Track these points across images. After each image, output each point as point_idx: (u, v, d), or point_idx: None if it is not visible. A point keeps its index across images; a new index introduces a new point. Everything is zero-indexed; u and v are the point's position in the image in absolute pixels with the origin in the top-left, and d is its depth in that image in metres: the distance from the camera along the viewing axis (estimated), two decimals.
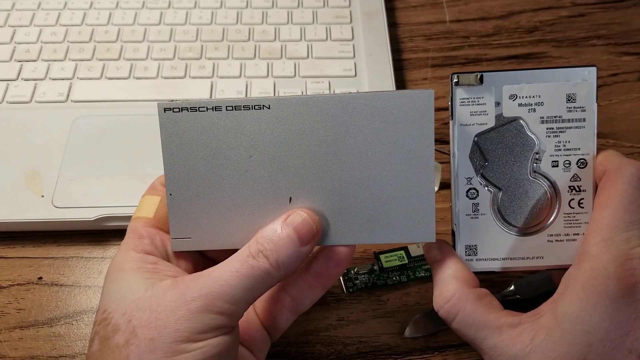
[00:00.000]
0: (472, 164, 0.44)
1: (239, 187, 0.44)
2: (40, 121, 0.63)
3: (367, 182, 0.44)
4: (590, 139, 0.43)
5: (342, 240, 0.44)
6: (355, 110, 0.43)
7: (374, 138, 0.43)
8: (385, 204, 0.44)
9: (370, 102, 0.43)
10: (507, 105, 0.43)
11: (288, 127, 0.44)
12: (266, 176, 0.44)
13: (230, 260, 0.40)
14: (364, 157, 0.43)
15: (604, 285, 0.37)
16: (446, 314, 0.42)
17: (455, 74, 0.43)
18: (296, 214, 0.42)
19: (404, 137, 0.43)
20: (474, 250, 0.44)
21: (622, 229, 0.38)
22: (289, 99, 0.44)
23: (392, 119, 0.43)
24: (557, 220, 0.43)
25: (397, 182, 0.43)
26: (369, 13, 0.75)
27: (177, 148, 0.44)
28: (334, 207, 0.44)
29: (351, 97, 0.43)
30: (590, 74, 0.42)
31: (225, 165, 0.44)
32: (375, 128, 0.43)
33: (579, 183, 0.43)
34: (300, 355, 0.51)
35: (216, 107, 0.44)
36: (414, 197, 0.43)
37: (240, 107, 0.44)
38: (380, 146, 0.43)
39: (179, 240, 0.45)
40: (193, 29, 0.72)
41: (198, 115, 0.44)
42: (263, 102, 0.43)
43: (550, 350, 0.37)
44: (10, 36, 0.71)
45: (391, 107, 0.43)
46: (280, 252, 0.41)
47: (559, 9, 0.79)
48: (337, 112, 0.44)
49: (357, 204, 0.44)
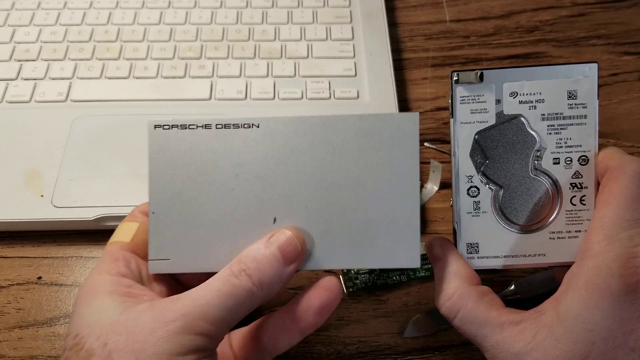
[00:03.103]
0: (473, 162, 0.43)
1: (224, 207, 0.44)
2: (40, 121, 0.63)
3: (353, 204, 0.44)
4: (591, 136, 0.42)
5: (326, 264, 0.43)
6: (343, 131, 0.44)
7: (360, 160, 0.44)
8: (370, 227, 0.43)
9: (357, 124, 0.44)
10: (507, 103, 0.43)
11: (276, 147, 0.44)
12: (252, 195, 0.44)
13: (211, 280, 0.39)
14: (350, 178, 0.44)
15: (607, 283, 0.37)
16: (448, 312, 0.42)
17: (455, 72, 0.43)
18: (280, 232, 0.42)
19: (389, 160, 0.44)
20: (476, 248, 0.44)
21: (625, 227, 0.37)
22: (278, 119, 0.44)
23: (378, 141, 0.44)
24: (558, 218, 0.43)
25: (382, 205, 0.44)
26: (369, 13, 0.74)
27: (164, 166, 0.44)
28: (319, 228, 0.44)
29: (339, 119, 0.44)
30: (592, 70, 0.42)
31: (212, 184, 0.44)
32: (362, 150, 0.44)
33: (580, 180, 0.43)
34: (300, 355, 0.51)
35: (206, 125, 0.44)
36: (398, 221, 0.43)
37: (229, 125, 0.44)
38: (366, 168, 0.44)
39: (157, 261, 0.43)
40: (193, 28, 0.72)
41: (187, 133, 0.44)
42: (252, 121, 0.44)
43: (553, 348, 0.37)
44: (10, 36, 0.71)
45: (378, 130, 0.44)
46: (264, 271, 0.40)
47: (559, 9, 0.79)
48: (325, 133, 0.44)
49: (342, 226, 0.44)
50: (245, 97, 0.65)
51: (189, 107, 0.64)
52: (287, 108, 0.64)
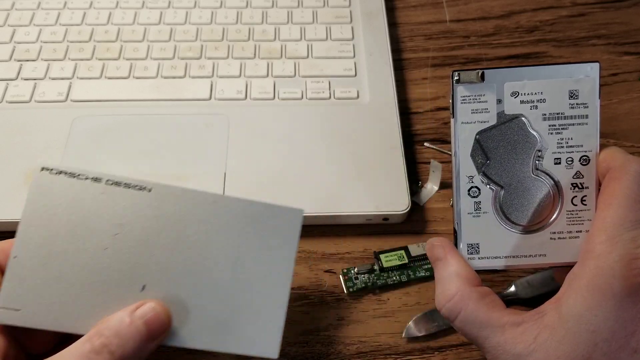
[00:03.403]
0: (474, 162, 0.43)
1: (94, 265, 0.42)
2: (40, 121, 0.63)
3: (226, 286, 0.44)
4: (593, 136, 0.42)
5: (189, 342, 0.43)
6: (230, 212, 0.45)
7: (241, 243, 0.44)
8: (237, 311, 0.44)
9: (245, 208, 0.45)
10: (508, 103, 0.43)
11: (162, 215, 0.44)
12: (125, 259, 0.43)
13: (68, 355, 0.37)
14: (229, 260, 0.44)
15: (609, 284, 0.36)
16: (448, 312, 0.42)
17: (456, 72, 0.43)
18: (148, 305, 0.40)
19: (269, 249, 0.45)
20: (476, 248, 0.44)
21: (628, 228, 0.37)
22: (172, 188, 0.44)
23: (262, 228, 0.45)
24: (559, 218, 0.43)
25: (254, 292, 0.44)
26: (369, 13, 0.74)
27: (42, 210, 0.42)
28: (188, 304, 0.43)
29: (229, 200, 0.45)
30: (593, 69, 0.42)
31: (86, 240, 0.43)
32: (245, 234, 0.45)
33: (581, 180, 0.43)
34: (300, 355, 0.51)
35: (96, 178, 0.43)
36: (265, 310, 0.44)
37: (120, 184, 0.43)
38: (245, 252, 0.44)
39: (5, 310, 0.40)
40: (193, 28, 0.72)
41: (74, 182, 0.43)
42: (145, 185, 0.44)
43: (554, 349, 0.37)
44: (10, 36, 0.71)
45: (263, 217, 0.45)
46: (127, 348, 0.38)
47: (559, 9, 0.79)
48: (212, 211, 0.44)
49: (210, 305, 0.43)
50: (245, 97, 0.65)
51: (189, 107, 0.64)
52: (287, 108, 0.64)
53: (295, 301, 0.54)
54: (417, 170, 0.63)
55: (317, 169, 0.59)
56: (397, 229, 0.58)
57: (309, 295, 0.54)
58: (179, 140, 0.61)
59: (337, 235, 0.58)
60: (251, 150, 0.60)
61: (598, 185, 0.42)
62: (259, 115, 0.64)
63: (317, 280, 0.55)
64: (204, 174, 0.58)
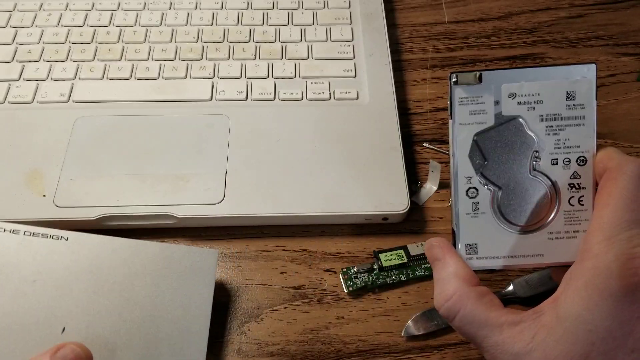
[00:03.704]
0: (472, 163, 0.43)
1: (14, 310, 0.44)
2: (42, 121, 0.63)
3: (147, 324, 0.46)
4: (590, 137, 0.43)
5: None
6: (147, 256, 0.48)
7: (159, 284, 0.47)
8: (160, 348, 0.45)
9: (161, 251, 0.49)
10: (506, 104, 0.43)
11: (79, 261, 0.47)
12: (45, 303, 0.45)
13: None
14: (147, 301, 0.47)
15: (607, 283, 0.36)
16: (447, 312, 0.42)
17: (454, 73, 0.43)
18: (68, 347, 0.40)
19: (187, 288, 0.47)
20: (475, 248, 0.44)
21: (624, 228, 0.37)
22: (88, 237, 0.48)
23: (178, 269, 0.49)
24: (557, 218, 0.43)
25: (174, 329, 0.46)
26: (368, 14, 0.75)
27: None
28: (110, 343, 0.45)
29: (144, 244, 0.49)
30: (590, 71, 0.42)
31: (5, 287, 0.45)
32: (162, 275, 0.47)
33: (578, 181, 0.43)
34: (300, 353, 0.51)
35: (14, 230, 0.46)
36: (187, 346, 0.46)
37: (38, 234, 0.46)
38: (164, 292, 0.47)
39: None
40: (194, 30, 0.72)
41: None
42: (62, 235, 0.46)
43: (552, 348, 0.37)
44: (12, 37, 0.71)
45: (179, 259, 0.48)
46: None
47: (557, 10, 0.79)
48: (129, 256, 0.47)
49: (133, 343, 0.45)
50: (246, 97, 0.66)
51: (190, 107, 0.65)
52: (287, 108, 0.65)
53: (295, 300, 0.54)
54: (417, 170, 0.63)
55: (317, 169, 0.59)
56: (396, 228, 0.59)
57: (308, 294, 0.55)
58: (180, 140, 0.61)
59: (337, 234, 0.58)
60: (252, 151, 0.61)
61: (595, 185, 0.42)
62: (260, 115, 0.64)
63: (317, 279, 0.56)
64: (205, 174, 0.59)
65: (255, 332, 0.52)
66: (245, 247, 0.58)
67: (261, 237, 0.58)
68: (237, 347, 0.51)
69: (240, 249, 0.57)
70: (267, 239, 0.58)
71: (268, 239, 0.58)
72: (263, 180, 0.59)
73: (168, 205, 0.56)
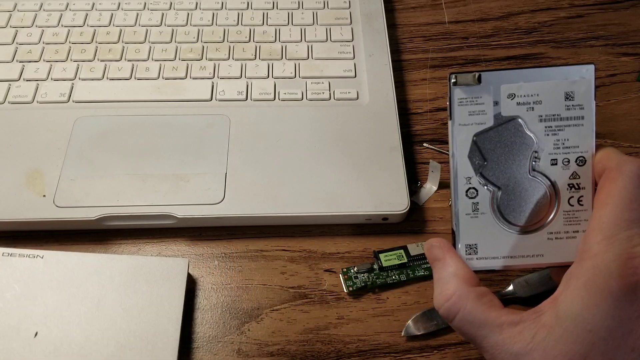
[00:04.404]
0: (472, 163, 0.43)
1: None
2: (42, 121, 0.63)
3: (118, 332, 0.49)
4: (589, 137, 0.43)
5: None
6: (117, 268, 0.52)
7: (130, 294, 0.51)
8: (129, 353, 0.48)
9: (131, 262, 0.52)
10: (505, 105, 0.43)
11: (54, 276, 0.51)
12: (18, 310, 0.49)
13: None
14: (119, 308, 0.50)
15: (606, 283, 0.36)
16: (447, 312, 0.42)
17: (453, 74, 0.43)
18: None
19: (157, 297, 0.51)
20: (475, 249, 0.44)
21: (624, 227, 0.37)
22: (62, 254, 0.52)
23: (149, 280, 0.51)
24: (556, 218, 0.43)
25: (145, 335, 0.49)
26: (368, 14, 0.75)
27: None
28: (82, 348, 0.48)
29: (115, 258, 0.52)
30: (589, 71, 0.42)
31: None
32: (132, 286, 0.51)
33: (578, 181, 0.43)
34: (300, 353, 0.51)
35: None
36: (157, 352, 0.48)
37: (15, 254, 0.51)
38: (135, 302, 0.50)
39: None
40: (194, 30, 0.72)
41: None
42: (37, 253, 0.51)
43: (552, 348, 0.37)
44: (12, 37, 0.71)
45: (149, 269, 0.52)
46: None
47: (557, 10, 0.79)
48: (100, 269, 0.52)
49: (103, 348, 0.48)
50: (246, 98, 0.66)
51: (190, 107, 0.65)
52: (287, 109, 0.65)
53: (295, 300, 0.54)
54: (416, 170, 0.63)
55: (317, 169, 0.59)
56: (396, 228, 0.59)
57: (308, 294, 0.55)
58: (180, 140, 0.61)
59: (337, 234, 0.58)
60: (252, 151, 0.61)
61: (594, 185, 0.43)
62: (260, 115, 0.64)
63: (317, 279, 0.56)
64: (205, 174, 0.59)
65: (255, 332, 0.52)
66: (245, 247, 0.58)
67: (261, 237, 0.58)
68: (237, 347, 0.52)
69: (240, 249, 0.57)
70: (267, 239, 0.58)
71: (268, 239, 0.58)
72: (263, 180, 0.59)
73: (168, 205, 0.57)
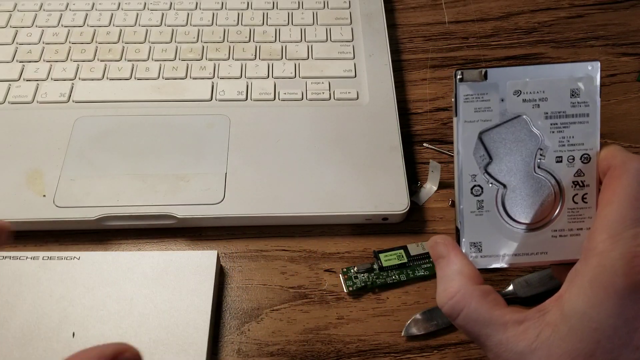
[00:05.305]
0: (477, 160, 0.43)
1: (32, 320, 0.50)
2: (42, 121, 0.63)
3: (150, 327, 0.50)
4: (593, 134, 0.42)
5: None
6: (148, 265, 0.53)
7: (161, 290, 0.52)
8: (162, 349, 0.49)
9: (162, 260, 0.53)
10: (511, 101, 0.43)
11: (90, 276, 0.52)
12: (58, 312, 0.50)
13: None
14: (150, 304, 0.51)
15: (612, 281, 0.36)
16: (450, 310, 0.41)
17: (459, 70, 0.43)
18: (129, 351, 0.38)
19: (188, 291, 0.52)
20: (479, 247, 0.44)
21: (629, 226, 0.37)
22: (97, 254, 0.53)
23: (179, 274, 0.52)
24: (561, 216, 0.43)
25: (176, 331, 0.50)
26: (368, 14, 0.75)
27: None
28: None
29: (146, 255, 0.54)
30: (594, 68, 0.42)
31: (26, 303, 0.51)
32: (163, 281, 0.52)
33: (582, 178, 0.43)
34: (300, 353, 0.51)
35: (34, 257, 0.53)
36: (189, 344, 0.49)
37: (54, 257, 0.53)
38: (167, 296, 0.51)
39: None
40: (194, 30, 0.72)
41: (16, 263, 0.53)
42: (74, 255, 0.53)
43: (557, 347, 0.37)
44: (12, 37, 0.71)
45: (179, 264, 0.53)
46: None
47: (557, 10, 0.80)
48: (132, 267, 0.53)
49: (136, 346, 0.48)
50: (246, 98, 0.66)
51: (190, 107, 0.64)
52: (287, 109, 0.65)
53: (295, 300, 0.54)
54: (416, 170, 0.63)
55: (317, 169, 0.59)
56: (396, 228, 0.59)
57: (309, 294, 0.55)
58: (180, 140, 0.61)
59: (337, 234, 0.58)
60: (252, 151, 0.61)
61: (599, 183, 0.42)
62: (260, 115, 0.64)
63: (317, 279, 0.55)
64: (205, 174, 0.58)
65: (255, 332, 0.52)
66: (245, 247, 0.57)
67: (261, 237, 0.58)
68: (237, 347, 0.51)
69: (240, 249, 0.57)
70: (267, 239, 0.58)
71: (268, 239, 0.58)
72: (263, 180, 0.58)
73: (168, 205, 0.56)
